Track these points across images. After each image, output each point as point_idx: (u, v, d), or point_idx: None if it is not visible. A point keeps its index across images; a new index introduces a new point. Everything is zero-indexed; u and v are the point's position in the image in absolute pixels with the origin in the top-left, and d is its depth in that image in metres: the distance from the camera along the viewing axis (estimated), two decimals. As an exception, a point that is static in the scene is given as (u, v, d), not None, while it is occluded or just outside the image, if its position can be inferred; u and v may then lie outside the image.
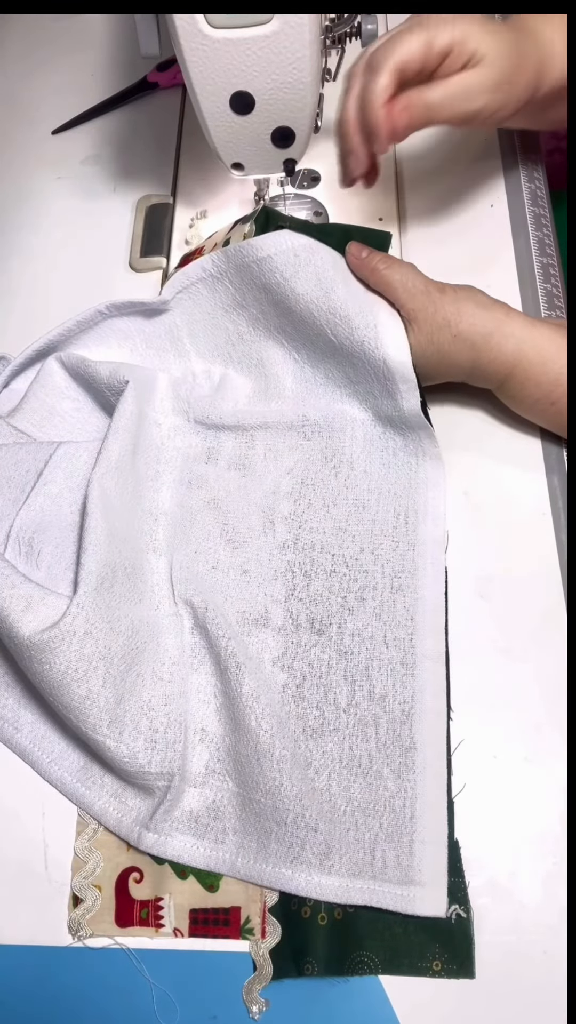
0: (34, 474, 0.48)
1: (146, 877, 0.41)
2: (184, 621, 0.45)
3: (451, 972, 0.38)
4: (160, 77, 0.67)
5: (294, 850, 0.39)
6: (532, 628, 0.44)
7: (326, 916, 0.39)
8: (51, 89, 0.70)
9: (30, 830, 0.43)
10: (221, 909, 0.40)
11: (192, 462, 0.50)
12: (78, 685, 0.40)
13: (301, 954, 0.39)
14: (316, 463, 0.49)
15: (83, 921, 0.40)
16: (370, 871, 0.39)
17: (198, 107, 0.47)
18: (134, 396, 0.49)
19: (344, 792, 0.40)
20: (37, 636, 0.39)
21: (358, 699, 0.42)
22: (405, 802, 0.40)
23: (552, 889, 0.39)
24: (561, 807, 0.40)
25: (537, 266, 0.54)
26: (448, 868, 0.39)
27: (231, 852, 0.40)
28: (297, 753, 0.41)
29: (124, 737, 0.40)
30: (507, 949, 0.38)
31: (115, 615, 0.42)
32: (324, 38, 0.47)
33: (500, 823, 0.41)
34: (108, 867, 0.41)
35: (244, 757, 0.40)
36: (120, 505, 0.46)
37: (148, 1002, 0.39)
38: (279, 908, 0.40)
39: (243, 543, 0.47)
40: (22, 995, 0.40)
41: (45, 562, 0.45)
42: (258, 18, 0.42)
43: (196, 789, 0.41)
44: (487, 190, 0.56)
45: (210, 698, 0.43)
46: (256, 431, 0.50)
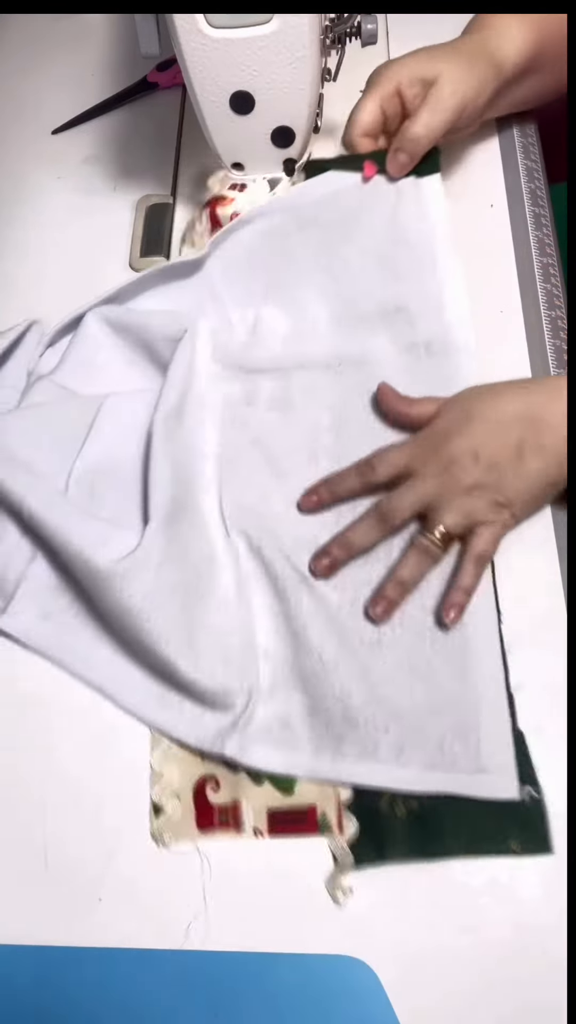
0: (85, 426, 0.50)
1: (223, 785, 0.42)
2: (240, 549, 0.47)
3: (529, 850, 0.39)
4: (160, 77, 0.67)
5: (368, 749, 0.41)
6: (532, 628, 0.44)
7: (403, 808, 0.40)
8: (51, 89, 0.70)
9: (30, 830, 0.43)
10: (298, 808, 0.41)
11: (233, 407, 0.52)
12: (157, 611, 0.42)
13: (380, 844, 0.40)
14: (352, 397, 0.50)
15: (165, 828, 0.42)
16: (442, 765, 0.40)
17: (198, 107, 0.47)
18: (190, 345, 0.51)
19: (408, 697, 0.42)
20: (117, 565, 0.42)
21: (410, 611, 0.44)
22: (467, 700, 0.41)
23: (552, 889, 0.39)
24: (561, 807, 0.40)
25: (537, 266, 0.54)
26: (515, 754, 0.40)
27: (308, 756, 0.42)
28: (359, 664, 0.42)
29: (201, 661, 0.42)
30: (507, 949, 0.38)
31: (183, 546, 0.45)
32: (324, 38, 0.47)
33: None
34: (185, 777, 0.43)
35: (309, 671, 0.42)
36: (174, 448, 0.48)
37: (148, 1002, 0.39)
38: (355, 805, 0.41)
39: (289, 475, 0.49)
40: (22, 995, 0.40)
41: (109, 505, 0.48)
42: (258, 18, 0.42)
43: (265, 704, 0.43)
44: (487, 190, 0.56)
45: (269, 619, 0.45)
46: (292, 372, 0.52)
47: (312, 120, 0.48)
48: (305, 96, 0.46)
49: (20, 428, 0.49)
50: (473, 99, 0.49)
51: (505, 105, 0.56)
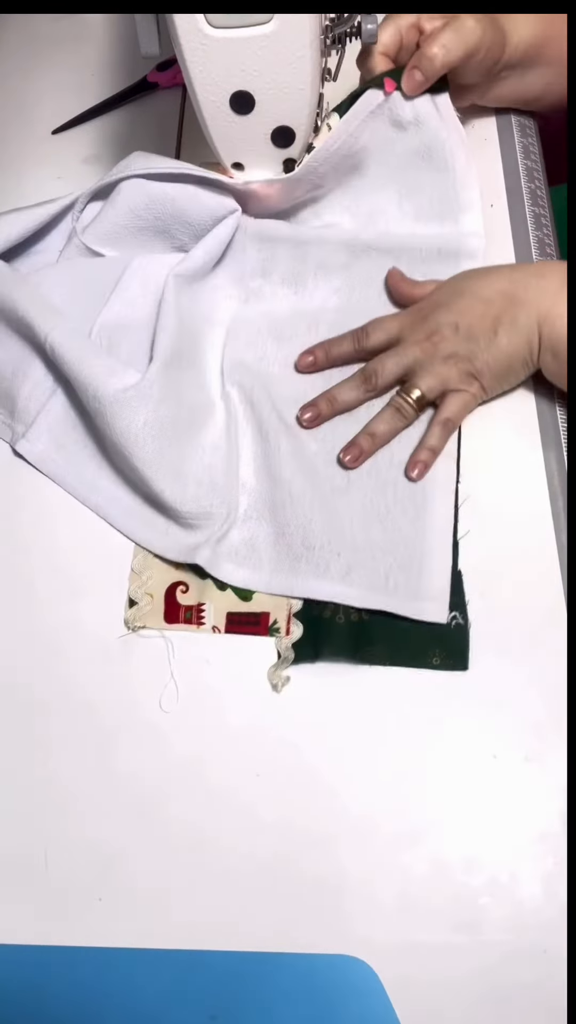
0: (111, 283, 0.54)
1: (191, 588, 0.48)
2: (233, 397, 0.52)
3: (448, 666, 0.44)
4: (160, 77, 0.67)
5: (320, 568, 0.46)
6: (532, 628, 0.44)
7: (344, 617, 0.45)
8: (51, 89, 0.70)
9: (31, 829, 0.43)
10: (253, 613, 0.47)
11: (248, 278, 0.55)
12: (153, 440, 0.47)
13: (319, 645, 0.45)
14: (361, 283, 0.54)
15: (136, 617, 0.47)
16: (384, 590, 0.45)
17: (198, 107, 0.47)
18: (233, 223, 0.53)
19: (364, 533, 0.47)
20: (121, 394, 0.47)
21: (380, 464, 0.49)
22: (416, 541, 0.46)
23: (552, 889, 0.39)
24: (561, 807, 0.40)
25: (537, 266, 0.54)
26: (451, 588, 0.45)
27: (267, 574, 0.47)
28: (325, 501, 0.47)
29: (188, 488, 0.48)
30: (507, 949, 0.38)
31: (181, 390, 0.50)
32: (324, 38, 0.47)
33: (500, 823, 0.41)
34: (159, 580, 0.48)
35: (279, 502, 0.47)
36: (187, 305, 0.52)
37: (148, 1002, 0.39)
38: (303, 613, 0.46)
39: (289, 340, 0.54)
40: (22, 995, 0.40)
41: (124, 353, 0.52)
42: (258, 18, 0.42)
43: (237, 529, 0.48)
44: (487, 190, 0.56)
45: (251, 459, 0.50)
46: (309, 246, 0.55)
47: (312, 120, 0.48)
48: (305, 96, 0.46)
49: (54, 280, 0.54)
50: (488, 46, 0.50)
51: (505, 93, 0.56)
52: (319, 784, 0.42)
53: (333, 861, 0.41)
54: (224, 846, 0.42)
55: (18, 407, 0.53)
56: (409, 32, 0.52)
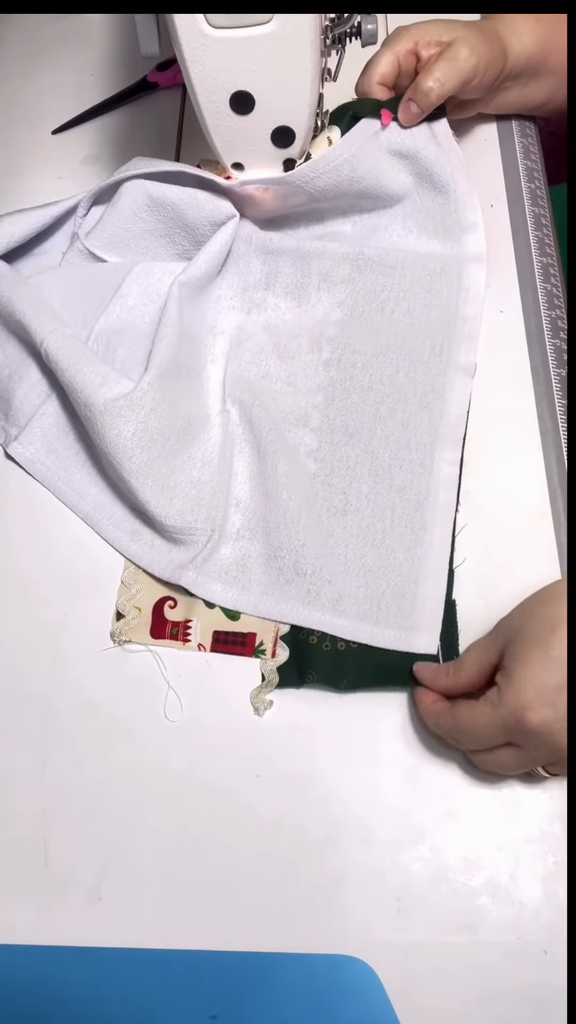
0: (112, 288, 0.54)
1: (179, 604, 0.47)
2: (232, 415, 0.51)
3: None
4: (160, 77, 0.67)
5: (311, 595, 0.45)
6: (532, 628, 0.44)
7: (330, 645, 0.45)
8: (51, 89, 0.70)
9: (31, 829, 0.43)
10: (240, 633, 0.46)
11: (251, 290, 0.55)
12: (142, 451, 0.47)
13: (304, 669, 0.44)
14: (364, 297, 0.54)
15: (124, 630, 0.47)
16: (375, 617, 0.45)
17: (198, 107, 0.47)
18: (232, 229, 0.52)
19: (359, 559, 0.46)
20: (111, 404, 0.46)
21: (379, 488, 0.48)
22: (411, 569, 0.46)
23: (552, 889, 0.39)
24: (561, 807, 0.40)
25: (537, 266, 0.54)
26: (444, 618, 0.45)
27: (255, 596, 0.46)
28: (320, 525, 0.47)
29: (174, 501, 0.47)
30: (507, 949, 0.38)
31: (176, 402, 0.49)
32: (324, 38, 0.47)
33: (500, 823, 0.41)
34: (147, 594, 0.48)
35: (273, 524, 0.47)
36: (190, 315, 0.52)
37: (148, 1002, 0.39)
38: (290, 636, 0.46)
39: (291, 358, 0.53)
40: (22, 995, 0.40)
41: (119, 359, 0.51)
42: (258, 18, 0.42)
43: (228, 546, 0.47)
44: (487, 190, 0.56)
45: (247, 478, 0.49)
46: (312, 258, 0.54)
47: (312, 120, 0.48)
48: (305, 96, 0.46)
49: (55, 283, 0.54)
50: (484, 69, 0.50)
51: (509, 102, 0.56)
52: (319, 784, 0.42)
53: (333, 861, 0.41)
54: (224, 846, 0.42)
55: (13, 409, 0.53)
56: (407, 59, 0.52)
